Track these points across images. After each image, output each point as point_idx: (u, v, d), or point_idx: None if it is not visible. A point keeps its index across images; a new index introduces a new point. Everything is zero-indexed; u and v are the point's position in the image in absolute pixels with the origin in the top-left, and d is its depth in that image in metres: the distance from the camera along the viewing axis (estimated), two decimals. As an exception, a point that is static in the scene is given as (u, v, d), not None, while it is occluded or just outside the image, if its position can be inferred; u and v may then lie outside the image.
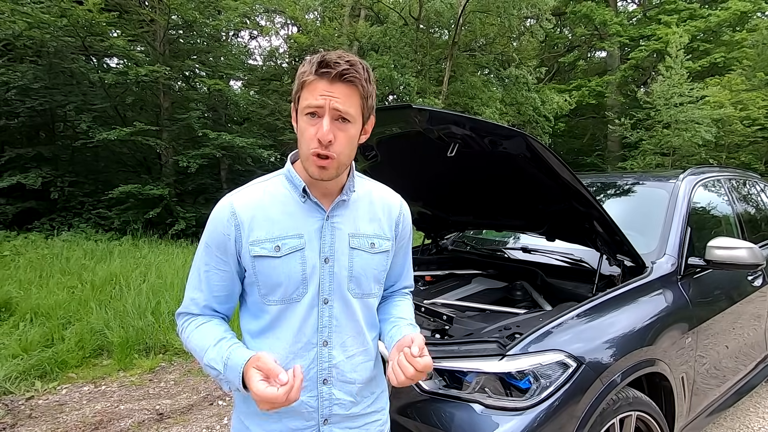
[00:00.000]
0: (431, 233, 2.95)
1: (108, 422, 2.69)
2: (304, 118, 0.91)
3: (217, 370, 0.90)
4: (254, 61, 13.34)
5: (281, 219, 0.96)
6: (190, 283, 1.02)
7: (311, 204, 0.98)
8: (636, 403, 1.65)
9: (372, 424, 1.06)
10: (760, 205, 3.22)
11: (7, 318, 3.88)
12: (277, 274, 0.94)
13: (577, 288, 2.07)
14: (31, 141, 8.83)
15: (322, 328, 0.98)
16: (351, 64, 0.88)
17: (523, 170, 1.80)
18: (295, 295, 0.96)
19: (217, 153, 8.41)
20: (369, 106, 0.94)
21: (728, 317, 2.26)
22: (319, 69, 0.87)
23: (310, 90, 0.89)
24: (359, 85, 0.89)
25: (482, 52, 13.66)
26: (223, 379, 0.90)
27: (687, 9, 13.81)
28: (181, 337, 1.01)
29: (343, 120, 0.90)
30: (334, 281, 0.98)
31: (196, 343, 0.96)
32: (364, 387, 1.04)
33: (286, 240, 0.95)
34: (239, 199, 0.98)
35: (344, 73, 0.87)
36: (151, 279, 4.86)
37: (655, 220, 2.26)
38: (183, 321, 1.01)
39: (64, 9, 7.14)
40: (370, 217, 1.04)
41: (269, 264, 0.94)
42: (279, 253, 0.94)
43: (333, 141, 0.89)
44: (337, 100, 0.87)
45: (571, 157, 16.23)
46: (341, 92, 0.88)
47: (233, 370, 0.88)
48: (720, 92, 10.94)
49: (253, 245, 0.94)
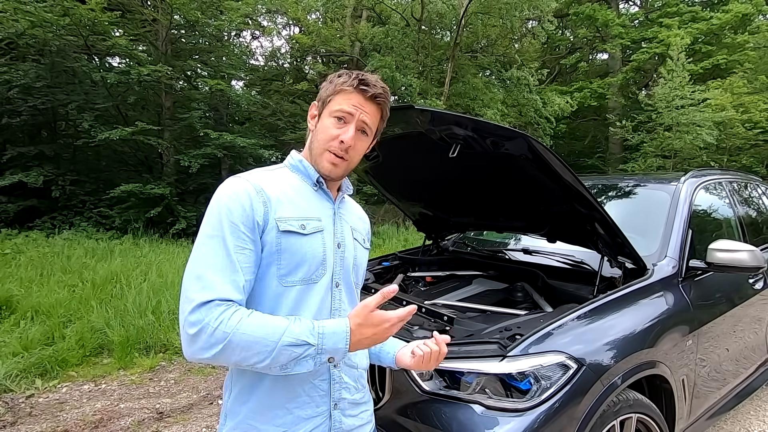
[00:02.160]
0: (432, 234, 2.95)
1: (108, 421, 2.69)
2: (330, 119, 1.01)
3: (307, 345, 0.86)
4: (256, 62, 13.38)
5: (301, 202, 1.01)
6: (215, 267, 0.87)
7: (323, 193, 1.06)
8: (636, 405, 1.65)
9: (365, 413, 1.11)
10: (762, 208, 3.21)
11: (8, 316, 3.88)
12: (303, 252, 0.96)
13: (578, 290, 2.07)
14: (33, 139, 8.85)
15: (334, 311, 1.02)
16: (384, 90, 1.03)
17: (524, 172, 1.80)
18: (314, 276, 0.98)
19: (219, 153, 8.43)
20: (382, 127, 1.09)
21: (729, 320, 2.26)
22: (359, 85, 1.00)
23: (345, 98, 1.00)
24: (385, 108, 1.05)
25: (484, 53, 13.67)
26: (311, 354, 0.86)
27: (689, 11, 13.81)
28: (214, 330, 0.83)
29: (363, 133, 1.03)
30: (344, 267, 1.04)
31: (258, 327, 0.85)
32: (363, 374, 1.11)
33: (309, 220, 0.99)
34: (257, 178, 0.98)
35: (378, 96, 1.02)
36: (151, 278, 4.87)
37: (657, 223, 2.25)
38: (219, 311, 0.84)
39: (66, 8, 7.17)
40: (358, 218, 1.16)
41: (297, 241, 0.96)
42: (305, 231, 0.98)
43: (351, 147, 1.01)
44: (366, 115, 1.01)
45: (572, 159, 16.23)
46: (370, 110, 1.02)
47: (336, 335, 0.88)
48: (721, 95, 10.93)
49: (281, 221, 0.95)
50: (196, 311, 0.84)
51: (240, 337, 0.83)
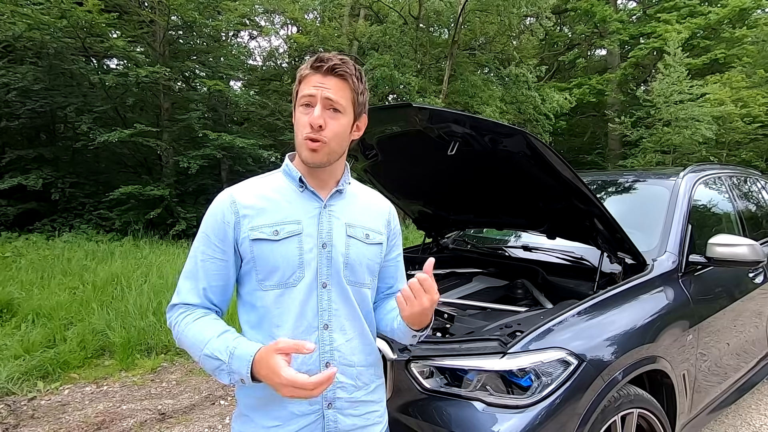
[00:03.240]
0: (432, 232, 2.95)
1: (110, 422, 2.70)
2: (299, 109, 0.98)
3: (220, 360, 0.90)
4: (254, 62, 13.36)
5: (280, 207, 1.01)
6: (185, 273, 1.01)
7: (308, 193, 1.04)
8: (637, 400, 1.65)
9: (372, 413, 1.07)
10: (761, 202, 3.21)
11: (9, 319, 3.89)
12: (274, 257, 0.97)
13: (578, 286, 2.07)
14: (32, 142, 8.84)
15: (322, 312, 1.00)
16: (342, 60, 0.97)
17: (523, 168, 1.80)
18: (291, 280, 0.98)
19: (218, 154, 8.42)
20: (360, 102, 1.02)
21: (729, 314, 2.26)
22: (314, 64, 0.97)
23: (306, 83, 0.97)
24: (350, 79, 0.98)
25: (482, 50, 13.64)
26: (225, 369, 0.90)
27: (686, 6, 13.79)
28: (173, 330, 0.99)
29: (335, 110, 0.97)
30: (332, 266, 1.01)
31: (194, 335, 0.94)
32: (364, 372, 1.06)
33: (284, 225, 0.99)
34: (239, 189, 1.03)
35: (335, 68, 0.95)
36: (152, 279, 4.88)
37: (656, 218, 2.25)
38: (178, 313, 0.99)
39: (64, 10, 7.15)
40: (363, 212, 1.10)
41: (268, 247, 0.97)
42: (277, 237, 0.98)
43: (324, 126, 0.96)
44: (329, 91, 0.95)
45: (571, 156, 16.21)
46: (333, 84, 0.96)
47: (241, 359, 0.88)
48: (720, 89, 10.93)
49: (252, 230, 0.98)
50: (168, 311, 1.02)
51: (183, 339, 0.97)
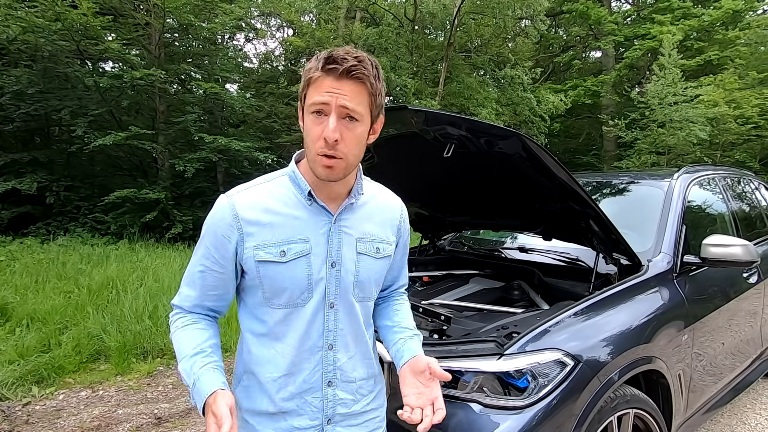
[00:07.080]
0: (428, 234, 2.96)
1: (106, 427, 2.68)
2: (310, 117, 0.87)
3: (186, 382, 0.92)
4: (250, 64, 13.34)
5: (287, 223, 0.93)
6: (186, 277, 1.01)
7: (318, 207, 0.95)
8: (633, 400, 1.65)
9: (371, 420, 1.06)
10: (755, 202, 3.24)
11: (3, 323, 3.85)
12: (282, 279, 0.92)
13: (573, 287, 2.07)
14: (26, 146, 8.79)
15: (327, 333, 0.97)
16: (359, 60, 0.84)
17: (519, 170, 1.81)
18: (299, 300, 0.94)
19: (214, 157, 8.39)
20: (378, 104, 0.90)
21: (724, 314, 2.27)
22: (326, 65, 0.83)
23: (317, 87, 0.85)
24: (368, 82, 0.85)
25: (477, 53, 13.70)
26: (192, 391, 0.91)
27: (680, 8, 13.91)
28: (171, 329, 1.01)
29: (351, 119, 0.86)
30: (341, 286, 0.97)
31: (177, 344, 0.96)
32: (363, 384, 1.04)
33: (292, 245, 0.92)
34: (241, 199, 0.94)
35: (352, 70, 0.83)
36: (148, 283, 4.85)
37: (651, 219, 2.27)
38: (174, 314, 1.02)
39: (58, 13, 7.13)
40: (376, 222, 1.03)
41: (274, 269, 0.92)
42: (284, 258, 0.92)
43: (339, 140, 0.85)
44: (345, 98, 0.84)
45: (567, 157, 16.29)
46: (349, 89, 0.84)
47: (198, 394, 0.87)
48: (714, 91, 11.02)
49: (257, 249, 0.92)
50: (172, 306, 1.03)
51: (173, 342, 0.98)
